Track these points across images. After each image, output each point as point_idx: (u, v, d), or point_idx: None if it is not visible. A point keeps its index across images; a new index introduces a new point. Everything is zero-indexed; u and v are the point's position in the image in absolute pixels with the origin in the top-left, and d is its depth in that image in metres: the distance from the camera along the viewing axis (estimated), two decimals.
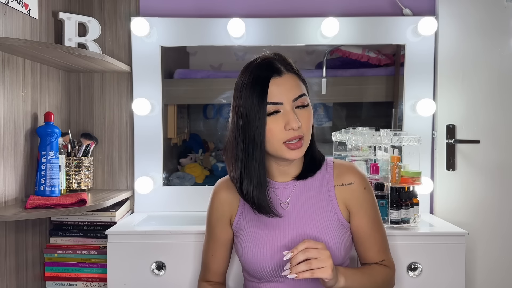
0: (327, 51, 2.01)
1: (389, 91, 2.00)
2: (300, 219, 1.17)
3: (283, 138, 1.09)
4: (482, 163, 1.85)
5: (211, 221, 1.27)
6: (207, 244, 1.29)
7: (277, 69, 1.10)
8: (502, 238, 1.85)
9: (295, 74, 1.13)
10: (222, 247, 1.27)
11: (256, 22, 1.86)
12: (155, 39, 1.87)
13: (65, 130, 1.83)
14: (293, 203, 1.19)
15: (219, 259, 1.28)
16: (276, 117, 1.09)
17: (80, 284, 1.72)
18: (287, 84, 1.10)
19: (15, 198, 1.53)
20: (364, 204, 1.19)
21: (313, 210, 1.18)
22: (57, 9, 1.76)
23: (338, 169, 1.21)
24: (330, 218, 1.17)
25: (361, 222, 1.19)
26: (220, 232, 1.25)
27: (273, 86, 1.08)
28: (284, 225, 1.17)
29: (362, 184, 1.20)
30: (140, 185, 1.84)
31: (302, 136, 1.10)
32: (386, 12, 1.89)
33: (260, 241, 1.16)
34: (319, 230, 1.15)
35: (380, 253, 1.21)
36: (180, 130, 2.10)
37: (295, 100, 1.10)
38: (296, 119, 1.08)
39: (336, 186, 1.19)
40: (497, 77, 1.85)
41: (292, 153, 1.10)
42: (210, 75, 2.08)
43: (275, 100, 1.08)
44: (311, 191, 1.19)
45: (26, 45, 1.40)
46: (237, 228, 1.23)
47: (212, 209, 1.27)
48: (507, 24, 1.84)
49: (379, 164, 1.61)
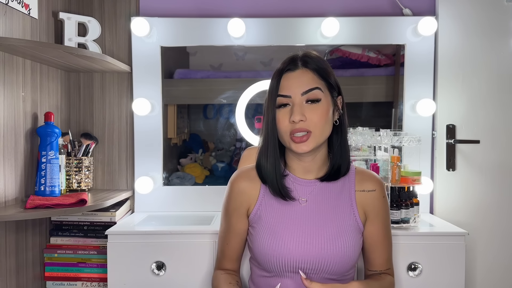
0: (327, 51, 2.01)
1: (389, 91, 2.00)
2: (320, 216, 1.18)
3: (288, 130, 1.12)
4: (482, 163, 1.85)
5: (228, 210, 1.26)
6: (223, 232, 1.28)
7: (294, 64, 1.15)
8: (502, 237, 1.85)
9: (312, 70, 1.14)
10: (238, 237, 1.26)
11: (256, 22, 1.86)
12: (155, 39, 1.87)
13: (65, 130, 1.83)
14: (312, 201, 1.19)
15: (235, 247, 1.27)
16: (285, 109, 1.13)
17: (80, 284, 1.72)
18: (298, 78, 1.13)
19: (15, 198, 1.53)
20: (381, 212, 1.21)
21: (332, 210, 1.19)
22: (57, 9, 1.76)
23: (360, 175, 1.23)
24: (348, 220, 1.18)
25: (375, 229, 1.21)
26: (236, 222, 1.24)
27: (284, 80, 1.14)
28: (302, 221, 1.17)
29: (382, 192, 1.22)
30: (140, 185, 1.84)
31: (309, 130, 1.11)
32: (386, 12, 1.89)
33: (277, 233, 1.16)
34: (337, 230, 1.16)
35: (388, 262, 1.24)
36: (180, 130, 2.10)
37: (305, 94, 1.11)
38: (299, 112, 1.10)
39: (357, 191, 1.21)
40: (497, 77, 1.85)
41: (297, 146, 1.12)
42: (210, 75, 2.08)
43: (284, 93, 1.13)
44: (332, 192, 1.21)
45: (26, 45, 1.40)
46: (255, 219, 1.21)
47: (230, 198, 1.25)
48: (507, 25, 1.84)
49: (379, 164, 1.61)
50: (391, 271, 1.26)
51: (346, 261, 1.15)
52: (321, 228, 1.16)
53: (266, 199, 1.21)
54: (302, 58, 1.16)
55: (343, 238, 1.15)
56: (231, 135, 2.09)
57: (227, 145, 2.12)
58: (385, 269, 1.23)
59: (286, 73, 1.14)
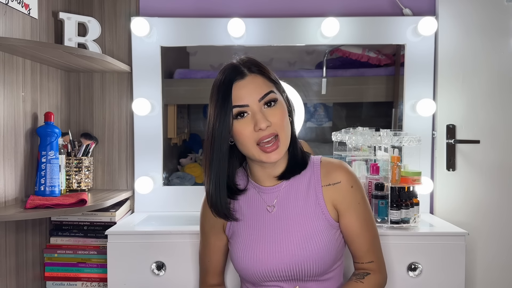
0: (327, 51, 2.01)
1: (389, 91, 2.00)
2: (288, 222, 1.16)
3: (255, 139, 1.08)
4: (482, 163, 1.85)
5: (204, 229, 1.28)
6: (203, 250, 1.30)
7: (240, 72, 1.11)
8: (502, 237, 1.85)
9: (260, 74, 1.12)
10: (218, 253, 1.27)
11: (256, 22, 1.86)
12: (155, 39, 1.87)
13: (65, 130, 1.83)
14: (280, 206, 1.18)
15: (217, 262, 1.29)
16: (245, 119, 1.09)
17: (80, 284, 1.72)
18: (250, 85, 1.09)
19: (15, 198, 1.53)
20: (352, 203, 1.17)
21: (300, 213, 1.16)
22: (57, 9, 1.76)
23: (325, 168, 1.19)
24: (318, 220, 1.15)
25: (349, 221, 1.17)
26: (215, 240, 1.26)
27: (236, 89, 1.09)
28: (272, 229, 1.16)
29: (349, 182, 1.17)
30: (140, 185, 1.84)
31: (276, 133, 1.08)
32: (386, 12, 1.89)
33: (251, 246, 1.16)
34: (306, 234, 1.14)
35: (370, 253, 1.19)
36: (180, 130, 2.10)
37: (262, 99, 1.09)
38: (263, 118, 1.07)
39: (323, 186, 1.17)
40: (497, 77, 1.85)
41: (269, 156, 1.08)
42: (210, 75, 2.08)
43: (240, 103, 1.08)
44: (298, 193, 1.18)
45: (26, 45, 1.40)
46: (230, 234, 1.23)
47: (204, 218, 1.27)
48: (507, 24, 1.84)
49: (379, 164, 1.61)
50: (377, 265, 1.20)
51: (324, 260, 1.12)
52: (290, 234, 1.14)
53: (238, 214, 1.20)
54: (245, 64, 1.12)
55: (314, 239, 1.13)
56: None
57: None
58: (367, 261, 1.19)
59: (236, 82, 1.09)
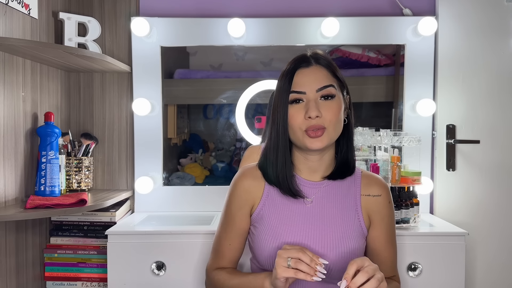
0: (327, 51, 2.01)
1: (389, 91, 2.00)
2: (323, 220, 1.15)
3: (303, 126, 1.10)
4: (482, 163, 1.85)
5: (231, 209, 1.22)
6: (224, 232, 1.23)
7: (306, 60, 1.14)
8: (502, 237, 1.85)
9: (326, 67, 1.14)
10: (241, 237, 1.22)
11: (256, 22, 1.86)
12: (155, 39, 1.87)
13: (65, 130, 1.83)
14: (318, 202, 1.17)
15: (237, 248, 1.23)
16: (299, 105, 1.11)
17: (80, 284, 1.72)
18: (312, 75, 1.12)
19: (15, 198, 1.53)
20: (386, 217, 1.20)
21: (337, 213, 1.17)
22: (57, 9, 1.76)
23: (367, 179, 1.21)
24: (353, 224, 1.16)
25: (379, 234, 1.19)
26: (240, 221, 1.21)
27: (298, 76, 1.12)
28: (306, 222, 1.15)
29: (387, 198, 1.20)
30: (140, 185, 1.84)
31: (324, 127, 1.10)
32: (386, 12, 1.89)
33: (280, 235, 1.14)
34: (341, 234, 1.14)
35: (392, 268, 1.22)
36: (180, 130, 2.10)
37: (320, 91, 1.11)
38: (315, 108, 1.09)
39: (363, 195, 1.19)
40: (497, 77, 1.85)
41: (311, 142, 1.10)
42: (210, 75, 2.08)
43: (298, 89, 1.11)
44: (337, 195, 1.19)
45: (26, 45, 1.40)
46: (257, 219, 1.19)
47: (234, 197, 1.22)
48: (507, 25, 1.84)
49: (379, 164, 1.61)
50: (397, 278, 1.23)
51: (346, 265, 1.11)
52: (325, 231, 1.14)
53: (270, 199, 1.19)
54: (314, 56, 1.15)
55: (346, 242, 1.13)
56: (231, 135, 2.09)
57: (227, 145, 2.12)
58: (390, 275, 1.21)
59: (300, 69, 1.13)
